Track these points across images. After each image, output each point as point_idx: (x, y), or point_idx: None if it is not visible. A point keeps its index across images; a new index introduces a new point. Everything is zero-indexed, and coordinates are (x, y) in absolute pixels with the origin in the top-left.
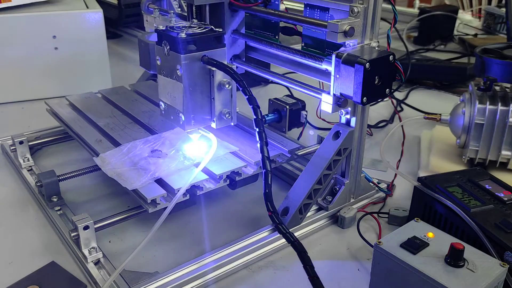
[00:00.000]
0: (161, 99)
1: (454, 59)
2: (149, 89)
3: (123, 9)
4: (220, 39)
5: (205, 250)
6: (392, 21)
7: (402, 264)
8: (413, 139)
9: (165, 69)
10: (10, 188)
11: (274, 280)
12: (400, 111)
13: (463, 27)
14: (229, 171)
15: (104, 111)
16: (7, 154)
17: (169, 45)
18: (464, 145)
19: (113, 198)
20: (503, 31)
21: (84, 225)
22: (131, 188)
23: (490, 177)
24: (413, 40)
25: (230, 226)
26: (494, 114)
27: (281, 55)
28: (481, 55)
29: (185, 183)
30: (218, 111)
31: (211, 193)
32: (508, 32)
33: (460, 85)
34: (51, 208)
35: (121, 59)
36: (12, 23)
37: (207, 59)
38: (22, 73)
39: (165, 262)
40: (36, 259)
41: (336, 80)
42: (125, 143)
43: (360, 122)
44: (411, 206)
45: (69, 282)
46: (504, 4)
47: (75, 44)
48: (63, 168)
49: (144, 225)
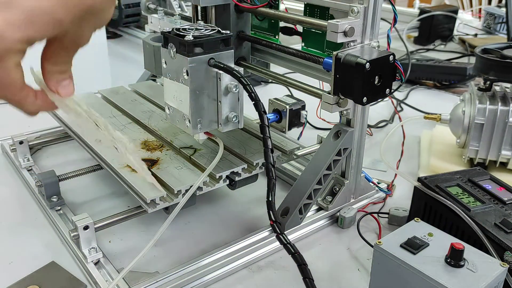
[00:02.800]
0: (167, 102)
1: (454, 59)
2: (149, 89)
3: (123, 9)
4: (227, 41)
5: (205, 250)
6: (392, 21)
7: (402, 264)
8: (413, 139)
9: (171, 72)
10: (10, 188)
11: (274, 280)
12: (400, 111)
13: (463, 27)
14: (229, 171)
15: (104, 111)
16: (7, 154)
17: (175, 47)
18: (464, 145)
19: (113, 198)
20: (503, 31)
21: (84, 225)
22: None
23: (490, 177)
24: (413, 40)
25: (230, 226)
26: (494, 114)
27: (281, 55)
28: (481, 55)
29: (188, 184)
30: (225, 115)
31: (211, 193)
32: (508, 32)
33: (460, 85)
34: (51, 208)
35: (121, 59)
36: None
37: (214, 62)
38: None
39: (165, 262)
40: (36, 259)
41: (336, 80)
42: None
43: (360, 122)
44: (411, 206)
45: (69, 282)
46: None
47: None
48: (63, 168)
49: (144, 225)
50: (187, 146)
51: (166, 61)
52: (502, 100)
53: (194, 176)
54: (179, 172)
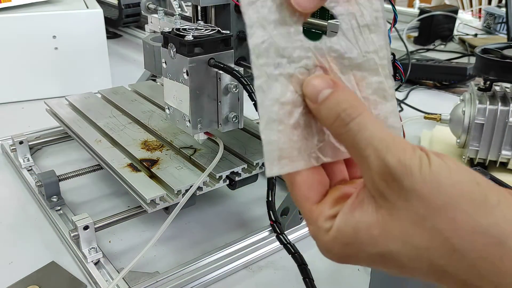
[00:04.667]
0: (167, 102)
1: (454, 59)
2: (149, 89)
3: (123, 9)
4: (228, 41)
5: (205, 250)
6: (392, 21)
7: None
8: (413, 139)
9: (171, 72)
10: (10, 188)
11: (274, 280)
12: (400, 111)
13: (463, 27)
14: (229, 171)
15: (104, 111)
16: (7, 154)
17: (175, 47)
18: (464, 145)
19: (113, 198)
20: (503, 31)
21: (84, 225)
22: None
23: (490, 177)
24: (413, 40)
25: (230, 226)
26: (494, 114)
27: None
28: (481, 55)
29: (188, 184)
30: (225, 115)
31: (211, 193)
32: (508, 32)
33: (460, 85)
34: (51, 208)
35: (121, 59)
36: (12, 23)
37: (214, 62)
38: (22, 73)
39: (165, 262)
40: (36, 259)
41: None
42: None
43: None
44: None
45: (69, 282)
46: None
47: (75, 44)
48: (63, 168)
49: (144, 225)
50: (187, 146)
51: (166, 61)
52: (502, 100)
53: (194, 176)
54: (179, 172)
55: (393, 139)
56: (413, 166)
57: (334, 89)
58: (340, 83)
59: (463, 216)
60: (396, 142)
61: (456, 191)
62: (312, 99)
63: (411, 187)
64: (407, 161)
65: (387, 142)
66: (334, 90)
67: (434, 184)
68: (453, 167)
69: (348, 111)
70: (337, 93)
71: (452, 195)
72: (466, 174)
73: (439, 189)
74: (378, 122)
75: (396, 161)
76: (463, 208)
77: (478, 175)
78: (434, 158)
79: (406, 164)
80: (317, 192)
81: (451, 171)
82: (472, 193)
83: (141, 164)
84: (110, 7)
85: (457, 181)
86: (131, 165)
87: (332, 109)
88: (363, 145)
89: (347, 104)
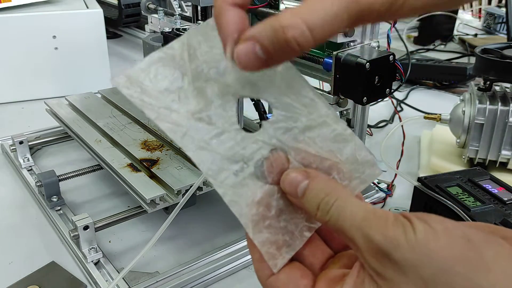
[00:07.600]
0: None
1: (454, 59)
2: None
3: (123, 9)
4: None
5: (205, 250)
6: (392, 21)
7: None
8: (413, 139)
9: None
10: (10, 188)
11: None
12: (400, 111)
13: (463, 27)
14: None
15: (104, 111)
16: (7, 154)
17: None
18: (464, 145)
19: (113, 198)
20: (503, 31)
21: (84, 225)
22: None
23: (490, 177)
24: (413, 40)
25: (230, 226)
26: (494, 114)
27: None
28: (481, 55)
29: (188, 184)
30: None
31: (211, 193)
32: (508, 32)
33: (460, 85)
34: (51, 208)
35: (121, 59)
36: (12, 23)
37: None
38: (22, 73)
39: (165, 262)
40: (36, 259)
41: (336, 80)
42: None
43: (360, 122)
44: (411, 206)
45: (69, 282)
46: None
47: (75, 44)
48: (63, 168)
49: (144, 225)
50: None
51: None
52: (502, 100)
53: (194, 176)
54: (179, 172)
55: (373, 213)
56: (398, 236)
57: (309, 180)
58: (313, 171)
59: (459, 280)
60: (377, 215)
61: (447, 254)
62: (293, 196)
63: (402, 258)
64: (390, 232)
65: (368, 218)
66: (310, 181)
67: (423, 251)
68: (439, 228)
69: (326, 199)
70: (312, 184)
71: (444, 259)
72: (455, 233)
73: (429, 256)
74: (356, 200)
75: (380, 235)
76: (458, 271)
77: (468, 230)
78: (417, 223)
79: (391, 236)
80: (305, 286)
81: (438, 234)
82: (465, 253)
83: (141, 164)
84: (110, 7)
85: (446, 243)
86: (131, 165)
87: (312, 201)
88: (346, 227)
89: (323, 193)
